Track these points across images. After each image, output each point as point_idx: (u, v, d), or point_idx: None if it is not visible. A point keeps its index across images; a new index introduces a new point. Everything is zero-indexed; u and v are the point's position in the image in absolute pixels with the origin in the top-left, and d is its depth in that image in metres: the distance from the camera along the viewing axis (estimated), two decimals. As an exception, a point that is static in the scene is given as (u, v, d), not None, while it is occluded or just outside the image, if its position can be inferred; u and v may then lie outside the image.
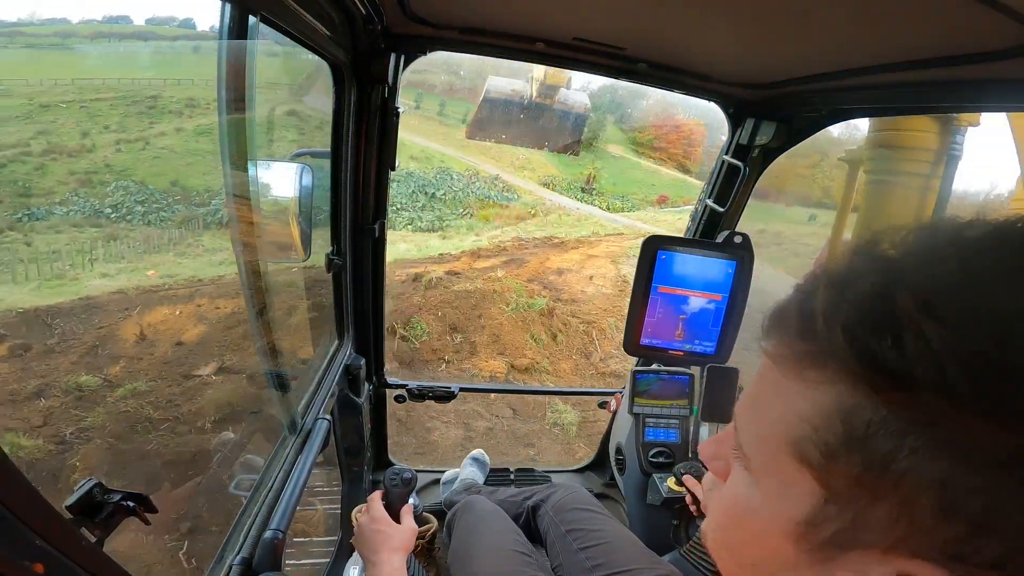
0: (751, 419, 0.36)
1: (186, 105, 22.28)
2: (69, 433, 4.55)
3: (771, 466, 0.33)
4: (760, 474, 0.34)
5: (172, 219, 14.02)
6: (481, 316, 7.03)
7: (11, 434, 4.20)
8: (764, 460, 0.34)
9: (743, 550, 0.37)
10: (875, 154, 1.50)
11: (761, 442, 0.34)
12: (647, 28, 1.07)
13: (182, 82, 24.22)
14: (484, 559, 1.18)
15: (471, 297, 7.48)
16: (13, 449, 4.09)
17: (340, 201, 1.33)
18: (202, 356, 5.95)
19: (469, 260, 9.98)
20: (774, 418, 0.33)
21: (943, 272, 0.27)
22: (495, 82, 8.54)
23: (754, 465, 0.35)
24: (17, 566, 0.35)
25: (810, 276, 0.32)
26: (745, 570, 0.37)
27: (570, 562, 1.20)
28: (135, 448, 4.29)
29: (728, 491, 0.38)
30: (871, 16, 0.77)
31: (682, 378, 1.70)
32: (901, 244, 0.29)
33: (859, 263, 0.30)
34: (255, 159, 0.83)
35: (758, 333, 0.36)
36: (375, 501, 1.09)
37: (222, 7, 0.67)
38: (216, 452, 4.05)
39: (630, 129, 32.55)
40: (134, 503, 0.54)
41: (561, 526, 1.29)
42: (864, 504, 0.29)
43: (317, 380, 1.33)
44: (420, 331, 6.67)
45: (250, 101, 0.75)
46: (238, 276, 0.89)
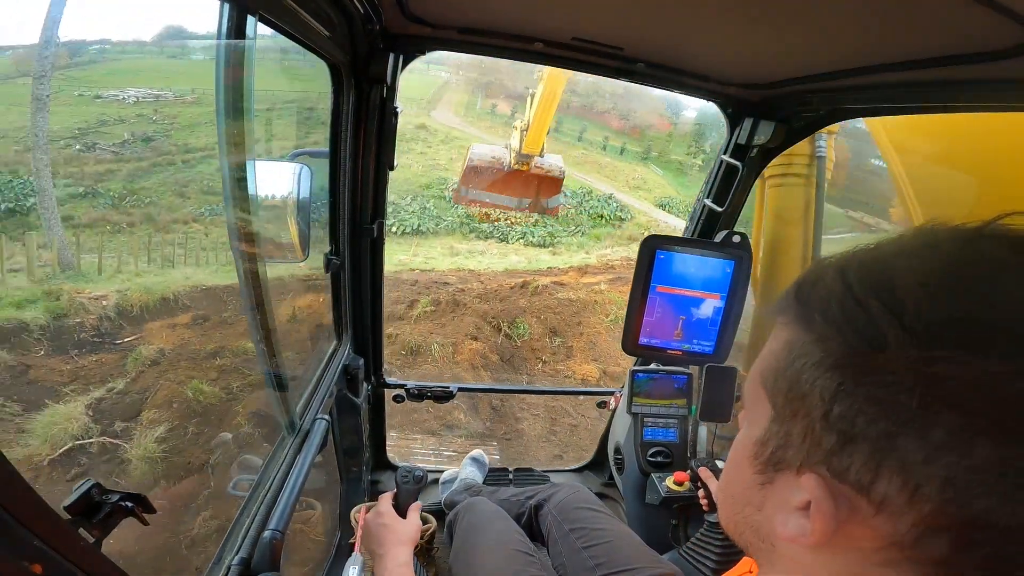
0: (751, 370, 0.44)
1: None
2: (235, 387, 5.40)
3: (750, 398, 0.42)
4: (746, 410, 0.44)
5: (318, 221, 15.03)
6: (581, 323, 7.59)
7: (195, 381, 4.91)
8: (748, 395, 0.43)
9: (728, 486, 0.46)
10: (775, 161, 1.71)
11: (749, 381, 0.43)
12: (645, 28, 1.07)
13: (323, 93, 25.29)
14: (487, 558, 1.18)
15: (573, 305, 8.02)
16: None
17: (338, 201, 1.33)
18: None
19: (576, 275, 10.28)
20: (759, 359, 0.42)
21: (862, 251, 0.37)
22: (477, 150, 9.13)
23: (745, 405, 0.44)
24: (15, 567, 0.35)
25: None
26: (728, 505, 0.46)
27: (573, 561, 1.21)
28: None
29: (733, 444, 0.46)
30: (870, 16, 0.77)
31: (681, 377, 1.70)
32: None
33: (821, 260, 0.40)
34: (253, 159, 0.83)
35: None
36: (385, 499, 1.15)
37: (220, 7, 0.67)
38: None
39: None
40: (132, 503, 0.53)
41: (564, 525, 1.29)
42: (788, 419, 0.37)
43: (315, 380, 1.33)
44: (522, 331, 7.36)
45: (249, 101, 0.74)
46: (236, 277, 0.88)
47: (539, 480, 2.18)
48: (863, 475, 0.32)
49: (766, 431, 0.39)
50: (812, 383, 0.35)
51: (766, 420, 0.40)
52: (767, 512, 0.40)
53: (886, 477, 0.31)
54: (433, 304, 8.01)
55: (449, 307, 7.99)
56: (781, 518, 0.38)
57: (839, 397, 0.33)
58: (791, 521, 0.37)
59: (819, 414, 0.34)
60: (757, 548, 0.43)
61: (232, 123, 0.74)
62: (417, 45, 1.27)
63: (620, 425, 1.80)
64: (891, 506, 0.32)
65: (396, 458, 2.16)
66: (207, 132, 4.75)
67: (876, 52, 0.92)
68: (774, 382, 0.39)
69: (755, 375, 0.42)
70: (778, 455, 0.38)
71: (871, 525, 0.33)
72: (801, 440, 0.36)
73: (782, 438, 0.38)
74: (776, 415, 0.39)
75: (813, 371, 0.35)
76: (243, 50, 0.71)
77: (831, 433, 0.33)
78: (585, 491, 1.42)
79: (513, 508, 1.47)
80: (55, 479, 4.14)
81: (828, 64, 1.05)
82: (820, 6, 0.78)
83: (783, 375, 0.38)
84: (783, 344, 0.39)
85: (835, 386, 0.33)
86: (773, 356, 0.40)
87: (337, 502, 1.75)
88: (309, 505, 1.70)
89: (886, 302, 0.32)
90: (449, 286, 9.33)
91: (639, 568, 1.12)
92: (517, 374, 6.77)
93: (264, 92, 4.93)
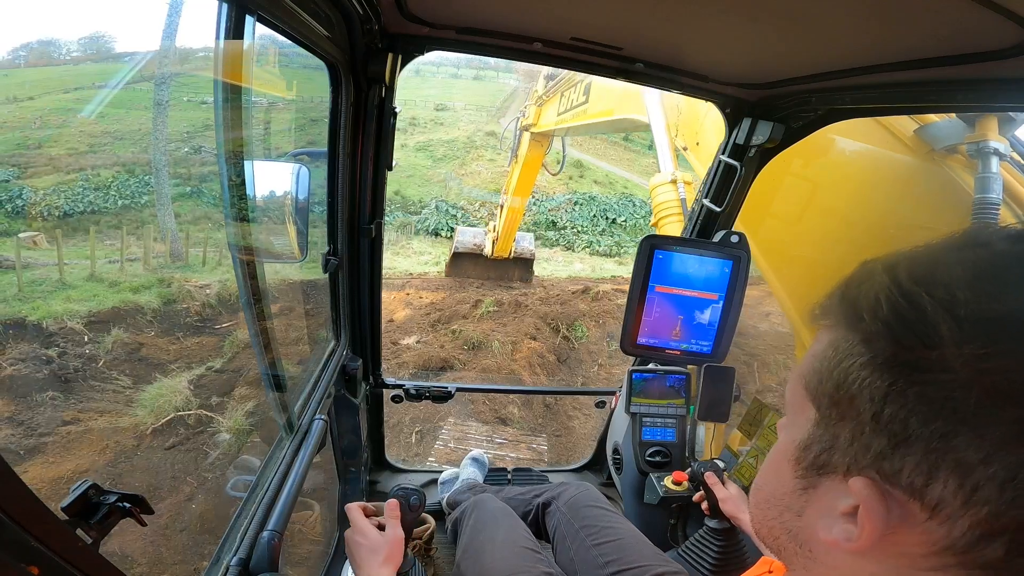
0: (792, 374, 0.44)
1: (410, 124, 25.60)
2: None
3: (792, 401, 0.42)
4: (787, 412, 0.43)
5: (392, 223, 17.15)
6: (640, 329, 7.90)
7: (286, 360, 5.64)
8: (790, 397, 0.42)
9: (763, 488, 0.45)
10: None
11: (791, 384, 0.42)
12: (644, 28, 1.07)
13: (408, 102, 27.11)
14: (496, 555, 1.19)
15: (633, 311, 8.39)
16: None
17: (337, 201, 1.33)
18: (406, 331, 7.87)
19: (640, 285, 10.91)
20: (802, 362, 0.41)
21: (909, 251, 0.36)
22: (462, 237, 10.01)
23: (786, 409, 0.43)
24: (13, 568, 0.35)
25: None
26: (764, 510, 0.44)
27: (583, 558, 1.22)
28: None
29: (771, 450, 0.45)
30: (869, 16, 0.77)
31: (679, 377, 1.70)
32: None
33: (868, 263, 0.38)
34: (252, 158, 0.82)
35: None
36: (353, 509, 1.00)
37: (219, 7, 0.67)
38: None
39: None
40: (130, 504, 0.53)
41: (574, 523, 1.31)
42: (835, 422, 0.36)
43: (313, 380, 1.33)
44: (581, 334, 7.74)
45: (247, 100, 0.74)
46: (234, 276, 0.88)
47: (538, 480, 2.18)
48: (916, 478, 0.31)
49: (809, 435, 0.38)
50: (860, 384, 0.34)
51: (810, 424, 0.39)
52: (808, 518, 0.39)
53: (941, 479, 0.30)
54: (496, 304, 8.42)
55: (511, 308, 8.43)
56: (824, 524, 0.37)
57: (890, 397, 0.32)
58: (836, 527, 0.36)
59: (868, 416, 0.33)
60: (793, 553, 0.41)
61: (231, 123, 0.74)
62: (416, 45, 1.27)
63: (619, 425, 1.80)
64: (946, 509, 0.30)
65: (398, 460, 2.16)
66: (294, 137, 5.26)
67: (875, 52, 0.92)
68: (818, 384, 0.38)
69: (797, 378, 0.41)
70: (823, 459, 0.37)
71: (923, 530, 0.32)
72: (849, 443, 0.35)
73: (827, 442, 0.37)
74: (821, 418, 0.38)
75: (861, 371, 0.34)
76: (242, 49, 0.70)
77: (881, 435, 0.32)
78: (594, 490, 1.43)
79: (520, 506, 1.48)
80: (155, 447, 4.65)
81: (826, 64, 1.05)
82: (819, 6, 0.78)
83: (829, 377, 0.37)
84: (827, 345, 0.38)
85: (886, 386, 0.32)
86: (817, 358, 0.39)
87: (336, 502, 1.75)
88: (307, 505, 1.70)
89: (939, 297, 0.31)
90: (513, 289, 9.82)
91: (649, 566, 1.13)
92: (573, 375, 7.07)
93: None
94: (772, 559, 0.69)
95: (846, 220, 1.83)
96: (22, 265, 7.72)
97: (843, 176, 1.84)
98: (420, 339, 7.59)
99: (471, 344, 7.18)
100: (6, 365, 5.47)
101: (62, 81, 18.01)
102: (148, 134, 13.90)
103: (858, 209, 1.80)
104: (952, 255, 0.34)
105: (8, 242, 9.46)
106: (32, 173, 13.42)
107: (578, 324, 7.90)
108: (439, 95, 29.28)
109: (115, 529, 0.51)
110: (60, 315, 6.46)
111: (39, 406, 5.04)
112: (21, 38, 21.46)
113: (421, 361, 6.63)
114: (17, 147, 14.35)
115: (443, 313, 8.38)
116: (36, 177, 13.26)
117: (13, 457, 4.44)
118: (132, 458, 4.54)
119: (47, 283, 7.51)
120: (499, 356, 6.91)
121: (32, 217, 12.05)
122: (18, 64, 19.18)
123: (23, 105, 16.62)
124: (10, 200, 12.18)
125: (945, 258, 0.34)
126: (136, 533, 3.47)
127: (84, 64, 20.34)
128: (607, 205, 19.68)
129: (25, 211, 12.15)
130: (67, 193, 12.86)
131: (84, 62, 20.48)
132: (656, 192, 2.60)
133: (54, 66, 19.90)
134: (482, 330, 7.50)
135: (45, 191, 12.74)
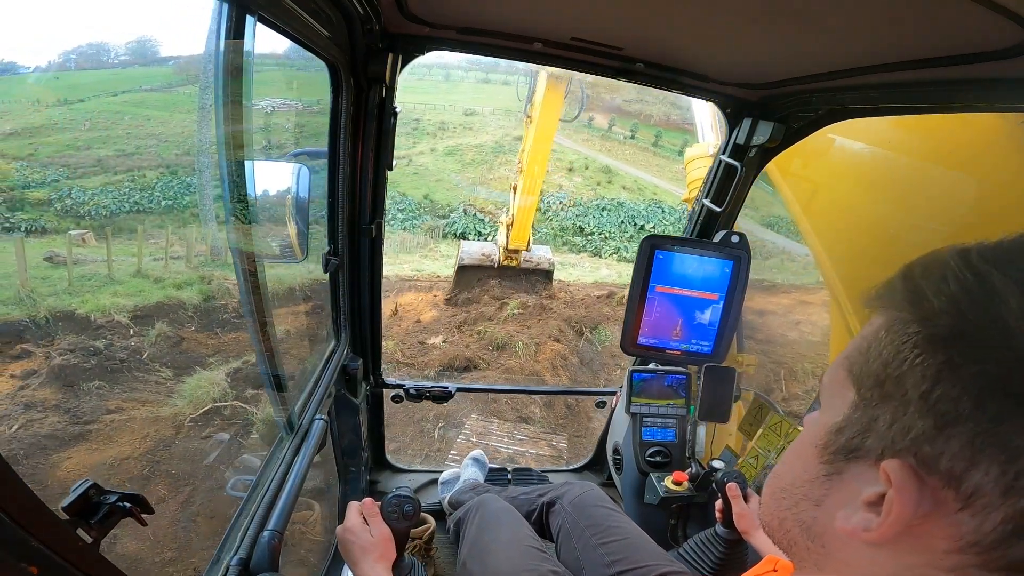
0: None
1: (439, 128, 26.26)
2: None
3: (830, 385, 0.41)
4: (823, 399, 0.42)
5: (421, 227, 17.48)
6: (664, 334, 8.14)
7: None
8: (828, 382, 0.42)
9: (781, 477, 0.44)
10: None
11: (832, 368, 0.42)
12: (644, 28, 1.07)
13: (436, 107, 28.06)
14: (502, 554, 1.20)
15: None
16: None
17: (337, 201, 1.33)
18: (432, 332, 8.08)
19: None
20: (847, 347, 0.41)
21: (984, 241, 0.35)
22: (467, 248, 9.44)
23: (822, 394, 0.42)
24: (12, 568, 0.35)
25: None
26: (778, 500, 0.43)
27: (588, 557, 1.23)
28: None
29: (795, 440, 0.45)
30: (869, 16, 0.77)
31: (679, 377, 1.70)
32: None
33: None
34: (252, 158, 0.82)
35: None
36: (352, 508, 1.00)
37: (219, 7, 0.67)
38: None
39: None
40: (130, 504, 0.53)
41: (579, 521, 1.31)
42: (876, 404, 0.35)
43: (314, 380, 1.33)
44: (603, 337, 7.88)
45: (248, 101, 0.74)
46: (235, 276, 0.88)
47: (538, 480, 2.17)
48: (956, 463, 0.30)
49: (845, 418, 0.38)
50: (912, 362, 0.33)
51: (846, 407, 0.38)
52: (827, 507, 0.38)
53: (983, 466, 0.29)
54: (522, 307, 8.63)
55: (536, 310, 8.62)
56: (844, 513, 0.36)
57: (943, 375, 0.31)
58: (856, 515, 0.35)
59: (916, 395, 0.32)
60: (803, 547, 0.41)
61: (231, 122, 0.74)
62: (416, 45, 1.27)
63: (619, 425, 1.80)
64: (982, 499, 0.30)
65: (399, 461, 2.16)
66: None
67: (875, 52, 0.92)
68: (863, 365, 0.37)
69: (839, 361, 0.40)
70: (855, 442, 0.36)
71: (951, 522, 0.31)
72: (888, 426, 0.34)
73: (864, 425, 0.36)
74: (859, 400, 0.37)
75: (914, 350, 0.33)
76: (242, 50, 0.70)
77: (927, 416, 0.31)
78: (598, 489, 1.44)
79: (523, 506, 1.48)
80: (192, 435, 4.86)
81: (827, 64, 1.05)
82: (819, 6, 0.78)
83: (877, 356, 0.36)
84: (879, 327, 0.37)
85: (940, 362, 0.31)
86: (866, 339, 0.38)
87: (336, 502, 1.75)
88: (308, 505, 1.70)
89: (1011, 275, 0.30)
90: (537, 293, 9.92)
91: (654, 566, 1.14)
92: (595, 377, 7.20)
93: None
94: (778, 557, 0.69)
95: (934, 208, 1.59)
96: (72, 261, 8.26)
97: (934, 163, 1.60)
98: (446, 339, 7.86)
99: (496, 344, 7.37)
100: (56, 355, 5.79)
101: (111, 84, 18.82)
102: (191, 136, 14.66)
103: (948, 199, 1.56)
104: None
105: (59, 239, 10.04)
106: (81, 173, 14.19)
107: (601, 328, 8.03)
108: (468, 100, 29.40)
109: (161, 506, 0.52)
110: (107, 308, 6.91)
111: (85, 395, 5.34)
112: (72, 41, 22.59)
113: (447, 360, 6.89)
114: (67, 148, 15.15)
115: (469, 315, 8.59)
116: (85, 177, 14.05)
117: (59, 443, 4.71)
118: (171, 446, 4.75)
119: (96, 278, 8.03)
120: (522, 357, 7.08)
121: (81, 216, 12.74)
122: (69, 67, 19.92)
123: (73, 107, 17.39)
124: (60, 199, 12.89)
125: (1020, 242, 0.33)
126: (171, 517, 3.68)
127: (132, 68, 21.03)
128: (635, 211, 19.70)
129: (75, 210, 12.86)
130: (114, 193, 13.58)
131: (132, 65, 21.19)
132: (692, 166, 2.44)
133: (103, 69, 20.74)
134: (507, 331, 7.67)
135: (93, 191, 13.49)
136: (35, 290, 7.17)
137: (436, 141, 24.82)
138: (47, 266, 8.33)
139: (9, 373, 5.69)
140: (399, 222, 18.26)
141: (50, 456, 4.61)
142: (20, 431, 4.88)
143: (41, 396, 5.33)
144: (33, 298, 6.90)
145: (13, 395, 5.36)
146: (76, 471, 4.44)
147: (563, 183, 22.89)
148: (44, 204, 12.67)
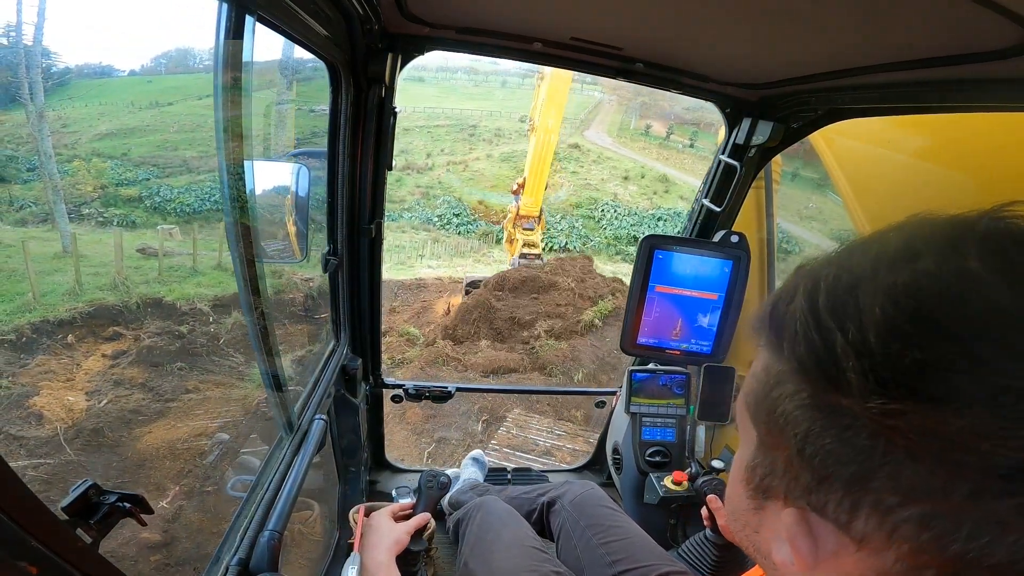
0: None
1: (495, 135, 27.46)
2: (398, 358, 8.08)
3: (740, 421, 0.41)
4: (739, 431, 0.42)
5: (475, 232, 18.55)
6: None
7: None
8: (738, 417, 0.41)
9: (730, 504, 0.44)
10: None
11: (739, 402, 0.41)
12: (644, 28, 1.07)
13: (493, 114, 29.25)
14: (504, 554, 1.20)
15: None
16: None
17: (337, 201, 1.33)
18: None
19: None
20: (745, 381, 0.40)
21: (841, 257, 0.33)
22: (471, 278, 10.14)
23: (738, 427, 0.42)
24: (11, 568, 0.35)
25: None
26: (732, 522, 0.44)
27: (589, 557, 1.22)
28: (434, 374, 7.54)
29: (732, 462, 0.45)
30: (869, 16, 0.77)
31: (679, 377, 1.70)
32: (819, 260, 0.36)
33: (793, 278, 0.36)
34: (252, 158, 0.82)
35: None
36: (391, 507, 1.17)
37: (219, 7, 0.67)
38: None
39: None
40: (130, 504, 0.53)
41: (580, 521, 1.31)
42: (772, 448, 0.35)
43: (313, 380, 1.33)
44: None
45: (247, 100, 0.74)
46: (235, 276, 0.88)
47: (537, 480, 2.17)
48: (840, 514, 0.31)
49: (753, 457, 0.38)
50: (787, 417, 0.33)
51: (753, 446, 0.38)
52: (764, 534, 0.39)
53: (863, 517, 0.30)
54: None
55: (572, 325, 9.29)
56: (776, 545, 0.37)
57: (810, 437, 0.31)
58: (783, 549, 0.36)
59: (795, 448, 0.32)
60: (761, 563, 0.42)
61: (231, 122, 0.74)
62: (416, 45, 1.27)
63: (618, 425, 1.80)
64: (872, 543, 0.30)
65: (401, 461, 2.16)
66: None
67: (875, 52, 0.92)
68: (755, 408, 0.37)
69: (741, 397, 0.40)
70: (766, 483, 0.37)
71: (856, 559, 0.32)
72: (783, 472, 0.35)
73: (767, 467, 0.36)
74: (760, 442, 0.37)
75: (788, 404, 0.33)
76: (242, 49, 0.70)
77: (806, 471, 0.32)
78: (599, 489, 1.43)
79: (524, 506, 1.48)
80: (259, 416, 5.27)
81: (826, 64, 1.05)
82: (819, 6, 0.78)
83: (763, 403, 0.35)
84: (762, 368, 0.37)
85: (806, 426, 0.32)
86: (756, 381, 0.37)
87: (335, 502, 1.75)
88: (307, 505, 1.70)
89: (851, 339, 0.29)
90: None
91: (656, 565, 1.13)
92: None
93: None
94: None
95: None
96: (162, 253, 9.28)
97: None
98: (490, 344, 8.70)
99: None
100: (145, 337, 6.38)
101: (195, 88, 19.75)
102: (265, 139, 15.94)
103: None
104: (879, 276, 0.30)
105: (148, 233, 11.39)
106: (169, 173, 15.40)
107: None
108: (524, 107, 29.35)
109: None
110: (191, 297, 7.64)
111: (168, 375, 5.88)
112: (163, 46, 24.09)
113: (491, 367, 7.69)
114: (157, 149, 16.40)
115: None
116: (172, 177, 15.21)
117: (143, 419, 5.10)
118: (239, 426, 5.09)
119: (182, 270, 8.97)
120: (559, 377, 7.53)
121: (167, 212, 13.99)
122: (159, 72, 21.17)
123: (163, 110, 18.56)
124: (150, 196, 14.11)
125: (868, 280, 0.30)
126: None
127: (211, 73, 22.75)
128: (692, 221, 20.03)
129: (163, 207, 14.09)
130: (198, 192, 14.63)
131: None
132: None
133: (189, 74, 21.91)
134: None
135: (179, 189, 14.64)
136: (129, 278, 8.05)
137: (492, 147, 25.60)
138: (139, 257, 9.37)
139: (101, 352, 6.19)
140: (454, 227, 19.25)
141: (133, 430, 5.00)
142: (108, 405, 5.32)
143: (129, 375, 5.83)
144: (127, 285, 7.76)
145: (104, 372, 5.84)
146: (155, 445, 4.81)
147: (618, 191, 23.17)
148: (135, 200, 13.81)
